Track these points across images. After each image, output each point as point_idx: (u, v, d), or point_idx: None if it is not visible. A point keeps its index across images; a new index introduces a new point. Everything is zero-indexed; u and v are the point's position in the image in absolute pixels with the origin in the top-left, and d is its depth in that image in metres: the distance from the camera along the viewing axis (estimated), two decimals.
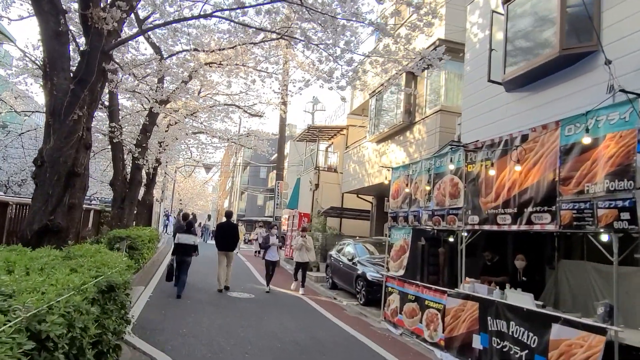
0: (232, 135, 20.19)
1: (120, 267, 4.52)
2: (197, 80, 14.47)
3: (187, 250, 9.83)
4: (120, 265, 4.55)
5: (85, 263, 4.21)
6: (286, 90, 15.11)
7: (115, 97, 11.97)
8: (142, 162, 12.04)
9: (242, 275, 13.93)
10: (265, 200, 46.09)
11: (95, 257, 4.83)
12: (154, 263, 13.77)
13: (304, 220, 18.38)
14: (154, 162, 17.94)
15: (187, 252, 9.83)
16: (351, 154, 16.02)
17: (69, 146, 5.72)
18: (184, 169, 38.16)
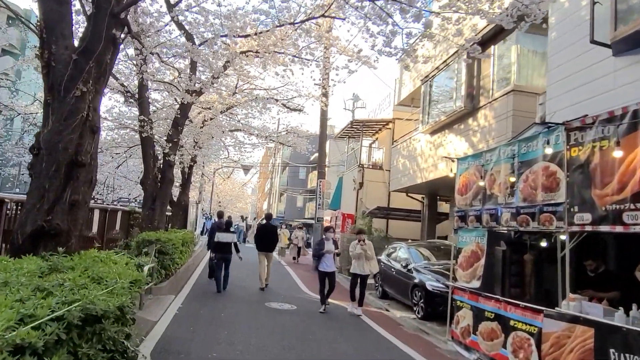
0: (271, 133, 19.14)
1: (120, 285, 3.32)
2: (232, 70, 13.46)
3: (226, 248, 10.40)
4: (120, 284, 3.35)
5: (72, 279, 3.05)
6: (327, 79, 13.84)
7: (144, 89, 11.06)
8: (173, 158, 11.05)
9: (283, 282, 12.73)
10: (304, 202, 45.09)
11: (91, 269, 3.68)
12: (188, 268, 12.78)
13: (348, 222, 17.04)
14: (189, 161, 17.11)
15: (227, 249, 10.40)
16: (400, 148, 14.56)
17: (71, 129, 4.62)
18: (222, 170, 37.77)
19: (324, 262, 9.09)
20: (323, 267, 9.12)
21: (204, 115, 15.80)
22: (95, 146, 4.94)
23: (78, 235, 4.69)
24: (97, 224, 8.37)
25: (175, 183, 18.77)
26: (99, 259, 4.50)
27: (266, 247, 11.36)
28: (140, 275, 4.02)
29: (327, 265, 9.09)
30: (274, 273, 14.13)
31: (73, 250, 4.60)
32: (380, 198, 17.09)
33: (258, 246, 11.45)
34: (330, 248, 9.14)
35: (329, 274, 9.13)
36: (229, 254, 10.38)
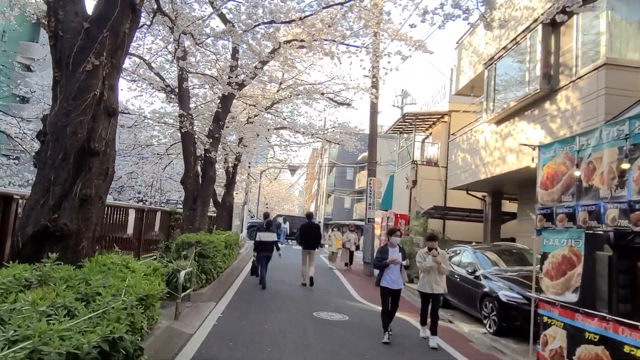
0: (317, 130, 18.27)
1: (118, 306, 2.45)
2: (276, 61, 12.67)
3: (267, 247, 10.73)
4: (118, 303, 2.48)
5: (33, 301, 2.20)
6: (377, 68, 12.77)
7: (183, 81, 10.45)
8: (215, 155, 10.37)
9: (333, 288, 11.75)
10: (352, 203, 44.02)
11: (93, 280, 2.86)
12: (232, 272, 12.08)
13: (401, 223, 15.85)
14: (233, 160, 16.54)
15: (268, 248, 10.74)
16: (458, 142, 13.24)
17: (80, 110, 3.87)
18: (269, 171, 37.43)
19: (388, 276, 6.87)
20: (387, 282, 6.86)
21: (248, 112, 15.16)
22: (113, 132, 4.17)
23: (91, 237, 3.92)
24: (133, 225, 7.76)
25: (220, 183, 18.31)
26: (115, 266, 3.70)
27: (309, 244, 11.73)
28: (155, 289, 3.16)
29: (392, 280, 6.87)
30: (323, 278, 13.21)
31: (85, 255, 3.83)
32: (435, 197, 15.78)
33: (301, 244, 12.00)
34: (397, 257, 6.86)
35: (393, 292, 6.91)
36: (269, 252, 10.78)
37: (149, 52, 10.71)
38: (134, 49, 10.53)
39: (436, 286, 7.04)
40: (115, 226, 7.15)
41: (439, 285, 7.07)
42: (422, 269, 7.15)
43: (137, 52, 10.50)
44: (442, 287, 7.11)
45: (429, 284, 7.07)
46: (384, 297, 6.93)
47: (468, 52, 13.12)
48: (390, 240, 7.13)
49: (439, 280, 7.06)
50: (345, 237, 17.36)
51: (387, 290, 6.87)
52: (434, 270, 7.01)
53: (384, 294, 6.92)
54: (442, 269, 7.03)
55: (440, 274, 7.06)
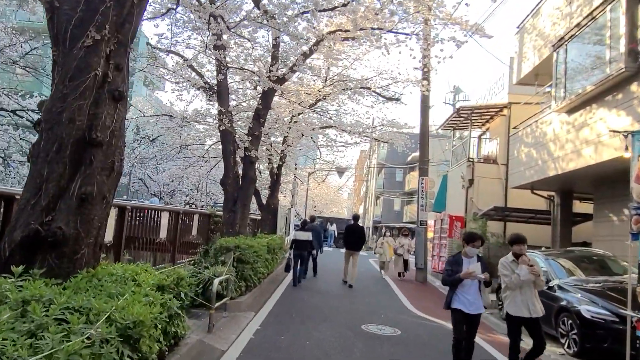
0: (365, 128, 17.40)
1: (67, 349, 1.74)
2: (320, 54, 11.97)
3: (303, 245, 11.12)
4: (70, 345, 1.77)
5: None
6: (429, 57, 11.75)
7: (224, 80, 9.96)
8: (255, 154, 9.77)
9: (383, 297, 10.82)
10: (402, 205, 42.65)
11: (70, 301, 2.19)
12: (276, 278, 11.45)
13: (456, 225, 14.67)
14: (278, 161, 16.00)
15: (303, 246, 11.14)
16: (522, 135, 11.95)
17: (79, 93, 3.27)
18: (316, 173, 36.89)
19: (463, 296, 5.03)
20: (461, 304, 5.02)
21: (292, 110, 14.56)
22: (120, 120, 3.55)
23: (93, 243, 3.31)
24: (167, 228, 7.26)
25: (264, 185, 17.86)
26: (118, 279, 3.06)
27: (353, 246, 11.95)
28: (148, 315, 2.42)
29: (469, 302, 5.01)
30: (372, 286, 12.32)
31: (85, 265, 3.22)
32: (494, 197, 14.46)
33: (345, 245, 12.20)
34: (475, 270, 4.92)
35: (470, 317, 5.04)
36: (304, 251, 11.21)
37: (187, 48, 10.30)
38: (172, 46, 10.19)
39: (533, 307, 5.15)
40: (146, 229, 6.64)
41: (536, 305, 5.19)
42: (512, 284, 5.17)
43: (176, 50, 10.15)
44: (540, 308, 5.22)
45: (524, 304, 5.13)
46: (457, 325, 5.12)
47: (531, 36, 11.83)
48: (466, 249, 5.19)
49: (534, 299, 5.21)
50: (397, 242, 14.90)
51: (461, 315, 5.03)
52: (528, 284, 5.14)
53: (457, 320, 5.10)
54: (540, 282, 5.22)
55: (538, 288, 5.26)
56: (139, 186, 36.24)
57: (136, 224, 6.32)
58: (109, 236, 5.36)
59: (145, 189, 35.35)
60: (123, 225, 5.65)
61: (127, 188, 35.24)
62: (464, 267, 5.04)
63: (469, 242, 5.23)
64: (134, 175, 34.85)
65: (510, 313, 5.27)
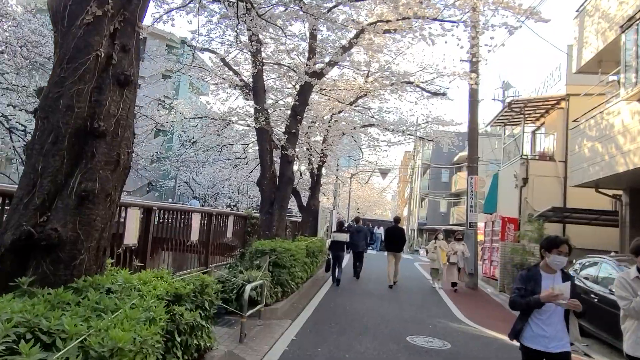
0: (408, 126, 16.63)
1: None
2: (360, 47, 11.37)
3: (340, 246, 11.58)
4: None
5: None
6: (477, 46, 10.91)
7: (260, 76, 9.59)
8: (292, 153, 9.32)
9: (430, 305, 10.07)
10: (448, 207, 41.17)
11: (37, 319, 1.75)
12: (315, 282, 10.96)
13: (509, 228, 13.63)
14: (318, 161, 15.53)
15: (341, 247, 11.58)
16: (584, 128, 10.86)
17: (78, 76, 2.88)
18: (359, 175, 36.24)
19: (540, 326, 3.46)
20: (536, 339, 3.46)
21: (331, 108, 14.04)
22: (127, 108, 3.13)
23: (95, 248, 2.90)
24: (199, 230, 6.92)
25: (305, 186, 17.43)
26: (119, 288, 2.62)
27: (394, 247, 12.30)
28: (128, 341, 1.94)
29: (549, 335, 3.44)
30: (418, 293, 11.57)
31: (84, 272, 2.81)
32: (551, 196, 13.33)
33: (387, 247, 12.56)
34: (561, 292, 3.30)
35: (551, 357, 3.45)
36: (341, 252, 11.58)
37: (222, 45, 10.01)
38: (206, 43, 9.94)
39: None
40: (176, 231, 6.31)
41: None
42: (634, 312, 3.58)
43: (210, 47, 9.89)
44: None
45: None
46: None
47: (593, 19, 10.74)
48: (548, 260, 3.49)
49: None
50: (450, 247, 12.50)
51: (535, 355, 3.45)
52: None
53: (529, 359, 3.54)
54: None
55: None
56: (184, 189, 36.97)
57: (165, 226, 5.99)
58: (134, 239, 5.03)
59: (191, 192, 36.02)
60: (149, 228, 5.31)
61: (173, 191, 36.03)
62: (543, 285, 3.43)
63: (552, 247, 3.49)
64: (179, 179, 35.61)
65: (630, 354, 3.64)
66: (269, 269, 7.62)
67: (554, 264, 3.47)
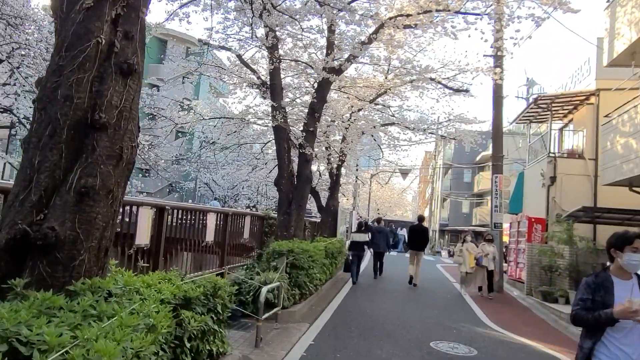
0: (429, 125, 16.25)
1: None
2: (380, 43, 11.07)
3: (360, 246, 11.81)
4: None
5: None
6: (502, 39, 10.49)
7: (277, 73, 9.40)
8: (310, 152, 9.08)
9: (455, 308, 9.69)
10: (471, 207, 40.36)
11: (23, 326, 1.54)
12: (335, 284, 10.69)
13: (536, 228, 13.12)
14: (337, 161, 15.27)
15: (360, 247, 11.81)
16: (617, 124, 10.33)
17: (77, 64, 2.70)
18: (379, 176, 35.84)
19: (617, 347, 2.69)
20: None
21: (350, 107, 13.77)
22: (131, 98, 2.94)
23: (96, 248, 2.71)
24: (215, 231, 6.74)
25: (324, 187, 17.20)
26: (122, 292, 2.42)
27: (416, 246, 12.30)
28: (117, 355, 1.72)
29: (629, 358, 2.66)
30: (441, 296, 11.19)
31: (84, 273, 2.62)
32: (581, 196, 12.76)
33: (409, 245, 12.70)
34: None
35: None
36: (361, 251, 11.87)
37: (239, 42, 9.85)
38: (222, 41, 9.80)
39: None
40: (190, 232, 6.14)
41: None
42: None
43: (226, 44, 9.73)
44: None
45: None
46: None
47: (626, 9, 10.21)
48: (623, 260, 2.76)
49: None
50: (480, 249, 11.39)
51: None
52: None
53: None
54: None
55: None
56: (205, 190, 37.20)
57: (178, 226, 5.82)
58: (146, 239, 4.86)
59: (211, 193, 36.23)
60: (162, 228, 5.14)
61: (194, 192, 36.28)
62: (617, 295, 2.72)
63: (624, 244, 2.76)
64: (199, 180, 35.86)
65: None
66: (286, 271, 7.39)
67: (629, 265, 2.73)
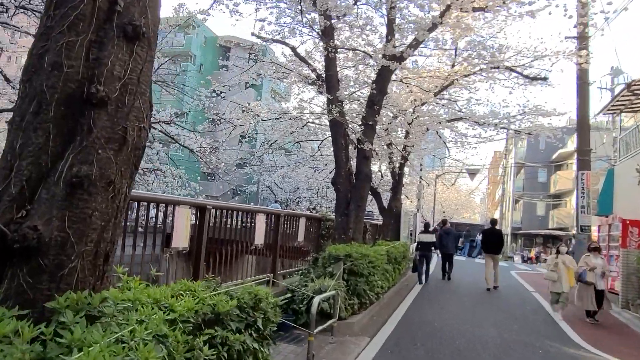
0: (501, 118, 14.86)
1: None
2: (446, 27, 10.10)
3: (427, 247, 12.02)
4: None
5: None
6: (587, 16, 9.18)
7: (333, 63, 8.76)
8: (369, 147, 8.33)
9: (539, 323, 8.46)
10: (547, 209, 37.47)
11: None
12: (398, 292, 9.82)
13: (632, 232, 11.42)
14: (399, 159, 14.37)
15: (427, 248, 12.04)
16: None
17: (68, 25, 2.18)
18: (445, 176, 34.24)
19: None
20: None
21: (413, 101, 12.83)
22: (139, 69, 2.38)
23: (92, 253, 2.17)
24: (265, 233, 6.19)
25: (385, 187, 16.32)
26: (120, 309, 1.86)
27: (492, 249, 12.09)
28: None
29: None
30: (520, 307, 9.91)
31: (77, 284, 2.08)
32: None
33: (484, 249, 12.61)
34: None
35: None
36: (428, 252, 12.06)
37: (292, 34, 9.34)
38: (276, 33, 9.32)
39: None
40: (236, 234, 5.63)
41: None
42: None
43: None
44: None
45: None
46: None
47: None
48: None
49: None
50: (583, 262, 8.97)
51: None
52: None
53: None
54: None
55: None
56: (267, 194, 37.51)
57: (223, 228, 5.32)
58: (184, 242, 4.37)
59: (273, 196, 36.46)
60: (203, 229, 4.64)
61: (256, 196, 36.67)
62: None
63: None
64: (262, 183, 36.21)
65: None
66: (343, 278, 6.70)
67: None
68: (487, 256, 12.12)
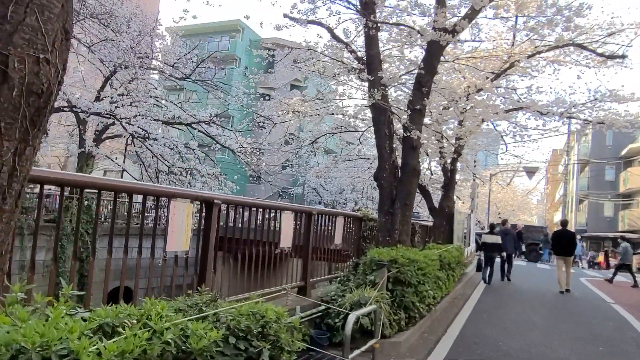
0: (568, 107, 13.16)
1: None
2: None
3: (491, 248, 12.25)
4: None
5: None
6: None
7: (375, 42, 7.71)
8: (416, 134, 7.18)
9: (625, 343, 6.98)
10: (615, 210, 34.33)
11: None
12: (453, 303, 8.55)
13: None
14: (451, 154, 13.06)
15: (492, 249, 12.25)
16: None
17: None
18: (499, 175, 32.19)
19: None
20: None
21: (467, 87, 11.51)
22: None
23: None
24: (293, 234, 5.24)
25: (436, 186, 14.99)
26: None
27: (562, 251, 11.85)
28: None
29: None
30: (598, 323, 8.36)
31: None
32: None
33: (555, 251, 12.44)
34: None
35: None
36: (493, 253, 12.21)
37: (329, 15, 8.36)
38: (310, 13, 8.39)
39: None
40: (256, 236, 4.71)
41: None
42: None
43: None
44: None
45: None
46: None
47: None
48: None
49: None
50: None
51: None
52: None
53: None
54: None
55: None
56: (313, 196, 36.81)
57: (239, 228, 4.41)
58: (183, 245, 3.50)
59: (319, 198, 35.71)
60: (209, 229, 3.75)
61: (302, 197, 36.04)
62: None
63: None
64: (307, 185, 35.56)
65: None
66: (387, 287, 5.63)
67: None
68: (559, 258, 12.04)
